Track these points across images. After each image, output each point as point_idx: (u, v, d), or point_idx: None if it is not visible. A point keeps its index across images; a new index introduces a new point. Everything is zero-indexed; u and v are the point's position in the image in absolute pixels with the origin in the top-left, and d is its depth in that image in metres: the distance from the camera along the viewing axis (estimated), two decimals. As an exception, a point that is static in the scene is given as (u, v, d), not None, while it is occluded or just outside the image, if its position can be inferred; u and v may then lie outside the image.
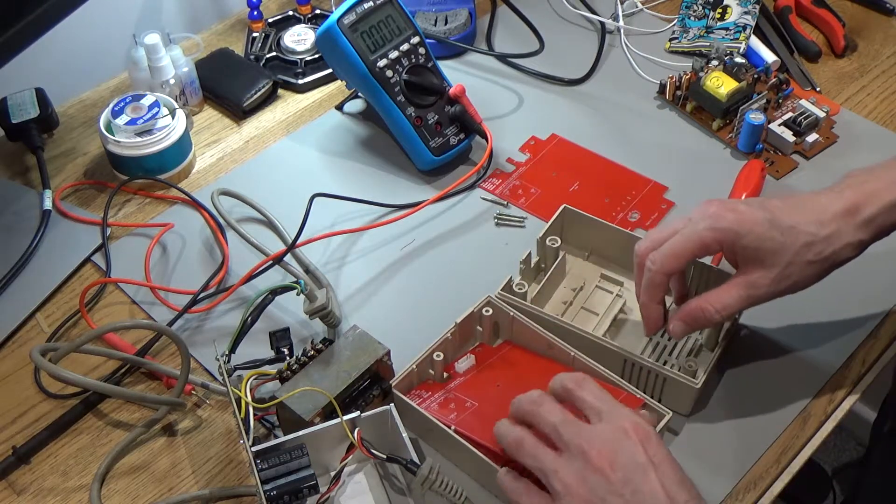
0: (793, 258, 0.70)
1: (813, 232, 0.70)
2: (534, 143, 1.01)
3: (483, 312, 0.79)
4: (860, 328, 0.83)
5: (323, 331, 0.80)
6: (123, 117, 0.95)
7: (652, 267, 0.72)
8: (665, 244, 0.72)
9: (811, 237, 0.70)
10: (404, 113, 0.95)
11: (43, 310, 0.87)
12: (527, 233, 0.91)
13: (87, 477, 0.75)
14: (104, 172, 0.99)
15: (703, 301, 0.72)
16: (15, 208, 0.95)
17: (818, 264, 0.71)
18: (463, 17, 1.11)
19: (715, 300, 0.72)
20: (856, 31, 1.13)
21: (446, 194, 0.95)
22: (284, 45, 1.11)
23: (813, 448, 0.77)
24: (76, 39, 1.05)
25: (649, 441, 0.62)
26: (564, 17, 1.17)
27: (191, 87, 1.04)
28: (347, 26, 0.93)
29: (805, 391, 0.79)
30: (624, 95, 1.06)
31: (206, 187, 0.97)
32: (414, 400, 0.74)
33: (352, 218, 0.93)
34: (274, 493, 0.66)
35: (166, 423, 0.78)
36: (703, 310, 0.72)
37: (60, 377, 0.73)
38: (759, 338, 0.82)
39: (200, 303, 0.85)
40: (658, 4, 1.19)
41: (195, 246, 0.92)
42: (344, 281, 0.88)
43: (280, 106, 1.07)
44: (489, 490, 0.73)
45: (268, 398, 0.73)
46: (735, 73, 1.01)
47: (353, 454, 0.70)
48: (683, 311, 0.73)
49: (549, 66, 1.10)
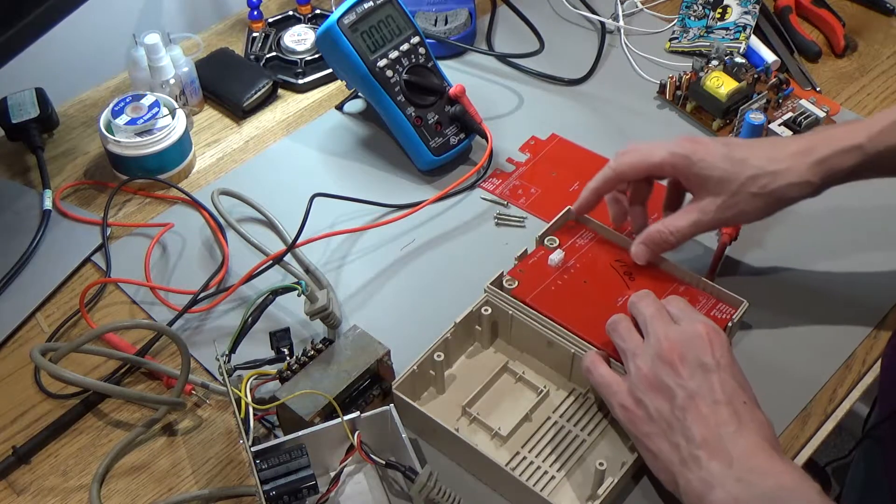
0: (739, 188, 0.76)
1: (761, 166, 0.76)
2: (534, 143, 1.01)
3: (482, 312, 0.79)
4: (860, 328, 0.83)
5: (323, 331, 0.80)
6: (123, 117, 0.95)
7: (611, 164, 0.81)
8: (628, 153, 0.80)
9: (758, 170, 0.75)
10: (404, 113, 0.95)
11: (43, 310, 0.87)
12: (527, 233, 0.91)
13: (86, 477, 0.75)
14: (104, 172, 0.99)
15: (659, 225, 0.80)
16: (15, 208, 0.94)
17: (763, 197, 0.76)
18: (463, 17, 1.11)
19: (669, 223, 0.79)
20: (856, 31, 1.13)
21: (446, 194, 0.95)
22: (284, 45, 1.11)
23: (813, 448, 0.77)
24: (76, 39, 1.05)
25: (718, 345, 0.69)
26: (564, 17, 1.17)
27: (191, 87, 1.04)
28: (347, 26, 0.93)
29: (805, 391, 0.79)
30: (624, 95, 1.06)
31: (206, 187, 0.97)
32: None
33: (352, 218, 0.93)
34: (273, 493, 0.66)
35: (166, 423, 0.78)
36: (659, 232, 0.79)
37: (60, 377, 0.73)
38: (759, 338, 0.82)
39: (200, 303, 0.85)
40: (658, 4, 1.19)
41: (195, 246, 0.92)
42: (344, 281, 0.88)
43: (280, 106, 1.07)
44: (491, 487, 0.73)
45: (268, 398, 0.73)
46: (735, 73, 1.01)
47: (353, 455, 0.70)
48: (643, 235, 0.80)
49: (549, 66, 1.10)
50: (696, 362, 0.67)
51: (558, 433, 0.75)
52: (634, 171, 0.80)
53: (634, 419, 0.69)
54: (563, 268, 0.81)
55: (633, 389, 0.69)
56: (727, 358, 0.68)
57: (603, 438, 0.75)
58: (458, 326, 0.78)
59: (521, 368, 0.79)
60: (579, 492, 0.72)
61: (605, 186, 0.82)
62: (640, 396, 0.68)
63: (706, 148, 0.78)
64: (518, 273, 0.81)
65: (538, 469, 0.73)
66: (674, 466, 0.66)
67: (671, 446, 0.66)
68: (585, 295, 0.79)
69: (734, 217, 0.77)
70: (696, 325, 0.70)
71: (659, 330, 0.70)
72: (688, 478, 0.64)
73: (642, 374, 0.69)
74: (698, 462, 0.64)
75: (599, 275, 0.81)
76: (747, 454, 0.63)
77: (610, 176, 0.81)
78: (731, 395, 0.66)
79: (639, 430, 0.68)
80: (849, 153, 0.75)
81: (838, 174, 0.76)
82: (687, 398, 0.66)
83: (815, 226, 0.91)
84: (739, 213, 0.77)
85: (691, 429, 0.65)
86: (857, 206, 0.92)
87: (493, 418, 0.76)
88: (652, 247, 0.80)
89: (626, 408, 0.69)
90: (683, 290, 0.80)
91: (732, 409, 0.65)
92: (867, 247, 0.89)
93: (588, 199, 0.83)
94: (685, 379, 0.67)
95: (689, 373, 0.67)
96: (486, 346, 0.81)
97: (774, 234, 0.90)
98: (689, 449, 0.65)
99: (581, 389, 0.78)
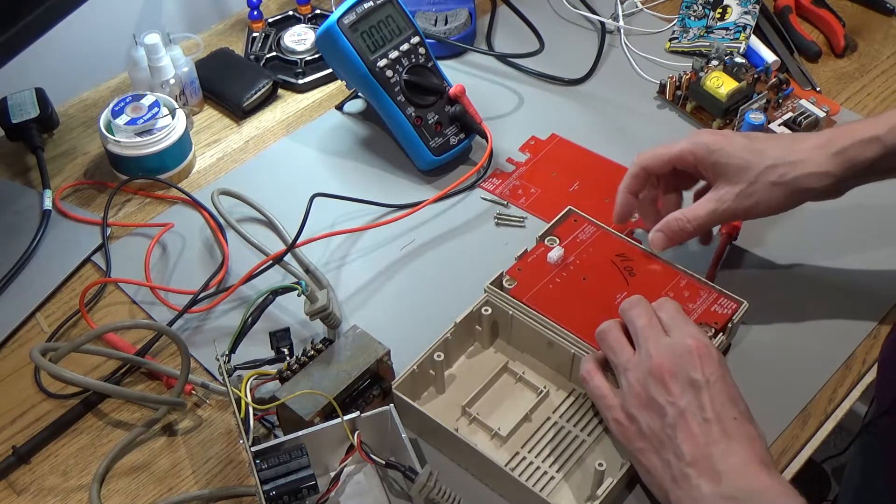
0: (757, 177, 0.76)
1: (780, 155, 0.76)
2: (534, 143, 1.01)
3: (482, 312, 0.79)
4: (860, 328, 0.83)
5: (323, 331, 0.80)
6: (123, 117, 0.95)
7: (636, 161, 0.81)
8: (650, 149, 0.81)
9: (777, 160, 0.76)
10: (404, 113, 0.95)
11: (43, 310, 0.87)
12: (527, 233, 0.91)
13: (86, 477, 0.75)
14: (104, 172, 0.99)
15: (678, 213, 0.80)
16: (15, 208, 0.95)
17: (782, 187, 0.76)
18: (463, 17, 1.11)
19: (688, 212, 0.80)
20: (856, 31, 1.13)
21: (446, 194, 0.95)
22: (284, 45, 1.11)
23: (813, 448, 0.77)
24: (76, 39, 1.05)
25: (708, 360, 0.68)
26: (564, 17, 1.17)
27: (191, 87, 1.04)
28: (347, 26, 0.93)
29: (805, 391, 0.79)
30: (624, 95, 1.06)
31: (206, 187, 0.97)
32: None
33: (352, 218, 0.93)
34: (273, 493, 0.66)
35: (166, 423, 0.78)
36: (677, 220, 0.80)
37: (60, 377, 0.73)
38: (759, 338, 0.82)
39: (200, 303, 0.85)
40: (658, 4, 1.19)
41: (195, 246, 0.92)
42: (344, 281, 0.88)
43: (280, 106, 1.07)
44: (491, 487, 0.73)
45: (268, 398, 0.73)
46: (735, 73, 1.01)
47: (353, 455, 0.70)
48: (661, 223, 0.81)
49: (549, 66, 1.10)
50: (685, 379, 0.67)
51: (558, 433, 0.75)
52: (658, 163, 0.81)
53: (628, 434, 0.69)
54: (562, 265, 0.81)
55: (626, 405, 0.69)
56: (717, 373, 0.67)
57: (602, 439, 0.75)
58: (458, 326, 0.78)
59: (521, 368, 0.79)
60: (578, 492, 0.72)
61: (636, 183, 0.82)
62: (633, 413, 0.68)
63: (726, 138, 0.78)
64: (517, 272, 0.81)
65: (538, 469, 0.73)
66: (665, 483, 0.66)
67: (663, 463, 0.66)
68: (584, 293, 0.79)
69: (752, 207, 0.77)
70: (686, 340, 0.69)
71: (650, 344, 0.69)
72: (678, 495, 0.65)
73: (634, 391, 0.68)
74: (688, 480, 0.64)
75: (599, 272, 0.81)
76: (737, 472, 0.63)
77: (637, 172, 0.81)
78: (721, 411, 0.66)
79: (632, 446, 0.69)
80: (868, 144, 0.75)
81: (858, 166, 0.76)
82: (677, 416, 0.66)
83: (816, 226, 0.91)
84: (757, 203, 0.77)
85: (681, 447, 0.65)
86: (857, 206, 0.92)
87: (492, 418, 0.76)
88: (669, 234, 0.80)
89: (619, 422, 0.69)
90: (685, 284, 0.80)
91: (722, 427, 0.65)
92: (867, 247, 0.89)
93: (624, 202, 0.83)
94: (676, 397, 0.66)
95: (680, 390, 0.67)
96: (486, 346, 0.81)
97: (775, 234, 0.90)
98: (679, 467, 0.65)
99: (581, 390, 0.78)
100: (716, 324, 0.77)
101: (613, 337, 0.72)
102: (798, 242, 0.90)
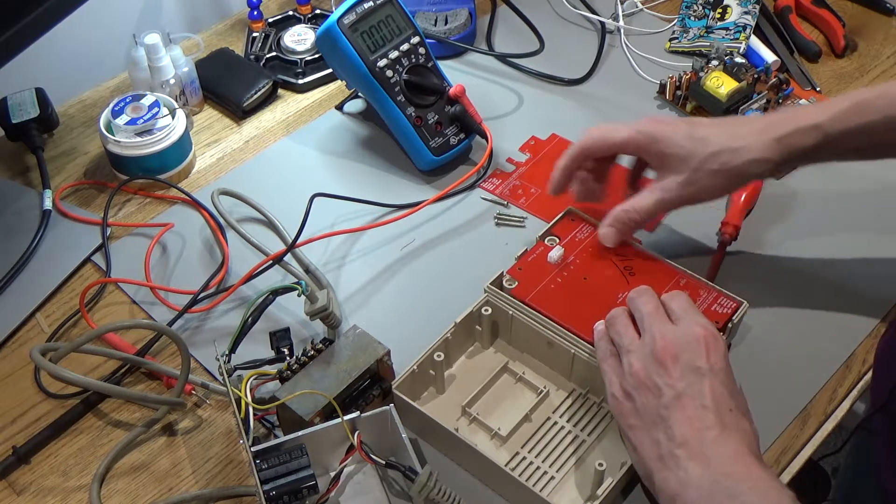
0: (699, 165, 0.77)
1: (722, 143, 0.77)
2: (534, 143, 1.01)
3: (482, 312, 0.79)
4: (860, 327, 0.83)
5: (323, 331, 0.80)
6: (123, 117, 0.95)
7: (579, 143, 0.82)
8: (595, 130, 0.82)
9: (719, 147, 0.76)
10: (404, 113, 0.95)
11: (43, 310, 0.87)
12: (527, 233, 0.91)
13: (86, 477, 0.75)
14: (104, 172, 0.99)
15: (626, 205, 0.81)
16: (15, 208, 0.95)
17: (723, 174, 0.77)
18: (463, 17, 1.11)
19: (635, 203, 0.80)
20: (856, 31, 1.13)
21: (446, 194, 0.95)
22: (284, 45, 1.11)
23: (813, 448, 0.77)
24: (76, 39, 1.05)
25: (715, 350, 0.68)
26: (564, 17, 1.17)
27: (191, 87, 1.04)
28: (347, 26, 0.93)
29: (805, 391, 0.79)
30: (624, 95, 1.06)
31: (206, 187, 0.97)
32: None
33: (352, 218, 0.93)
34: (273, 493, 0.66)
35: (166, 423, 0.78)
36: (625, 212, 0.80)
37: (61, 377, 0.73)
38: (759, 338, 0.82)
39: (200, 303, 0.85)
40: (658, 4, 1.19)
41: (195, 246, 0.92)
42: (344, 281, 0.88)
43: (280, 106, 1.07)
44: (491, 487, 0.73)
45: (268, 398, 0.73)
46: (735, 73, 1.01)
47: (353, 455, 0.70)
48: (610, 217, 0.81)
49: (549, 66, 1.10)
50: (689, 365, 0.67)
51: (558, 433, 0.75)
52: (599, 147, 0.81)
53: (623, 410, 0.69)
54: (562, 264, 0.81)
55: (625, 384, 0.70)
56: (721, 364, 0.68)
57: (602, 439, 0.75)
58: (458, 326, 0.78)
59: (521, 368, 0.79)
60: (579, 492, 0.72)
61: (573, 164, 0.83)
62: (630, 391, 0.69)
63: (670, 127, 0.79)
64: (517, 272, 0.81)
65: (538, 469, 0.73)
66: (652, 462, 0.66)
67: (651, 441, 0.66)
68: (585, 292, 0.79)
69: (696, 193, 0.78)
70: (695, 328, 0.69)
71: (655, 328, 0.70)
72: (664, 475, 0.65)
73: (634, 370, 0.69)
74: (676, 461, 0.64)
75: (599, 271, 0.81)
76: (728, 459, 0.63)
77: (576, 152, 0.82)
78: (720, 401, 0.66)
79: (625, 422, 0.69)
80: (808, 132, 0.76)
81: (798, 153, 0.76)
82: (674, 398, 0.66)
83: (816, 226, 0.91)
84: (700, 190, 0.78)
85: (673, 427, 0.65)
86: (857, 206, 0.92)
87: (492, 418, 0.76)
88: (619, 227, 0.81)
89: (616, 398, 0.70)
90: (685, 284, 0.80)
91: (718, 415, 0.65)
92: (867, 247, 0.89)
93: (559, 178, 0.84)
94: (675, 379, 0.67)
95: (680, 374, 0.67)
96: (486, 346, 0.81)
97: (775, 234, 0.90)
98: (668, 447, 0.65)
99: (581, 390, 0.78)
100: (716, 323, 0.77)
101: (621, 322, 0.73)
102: (798, 242, 0.90)
